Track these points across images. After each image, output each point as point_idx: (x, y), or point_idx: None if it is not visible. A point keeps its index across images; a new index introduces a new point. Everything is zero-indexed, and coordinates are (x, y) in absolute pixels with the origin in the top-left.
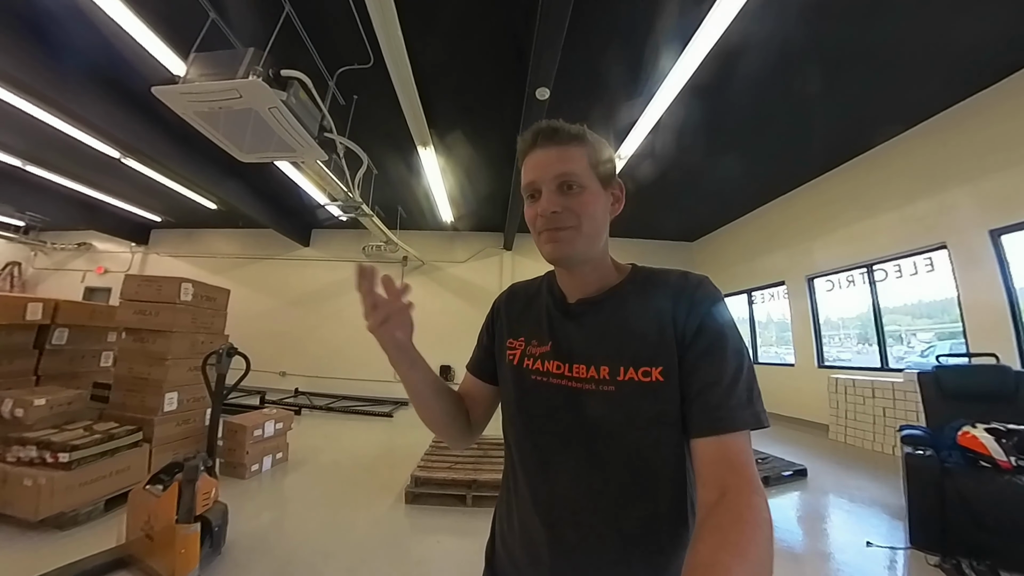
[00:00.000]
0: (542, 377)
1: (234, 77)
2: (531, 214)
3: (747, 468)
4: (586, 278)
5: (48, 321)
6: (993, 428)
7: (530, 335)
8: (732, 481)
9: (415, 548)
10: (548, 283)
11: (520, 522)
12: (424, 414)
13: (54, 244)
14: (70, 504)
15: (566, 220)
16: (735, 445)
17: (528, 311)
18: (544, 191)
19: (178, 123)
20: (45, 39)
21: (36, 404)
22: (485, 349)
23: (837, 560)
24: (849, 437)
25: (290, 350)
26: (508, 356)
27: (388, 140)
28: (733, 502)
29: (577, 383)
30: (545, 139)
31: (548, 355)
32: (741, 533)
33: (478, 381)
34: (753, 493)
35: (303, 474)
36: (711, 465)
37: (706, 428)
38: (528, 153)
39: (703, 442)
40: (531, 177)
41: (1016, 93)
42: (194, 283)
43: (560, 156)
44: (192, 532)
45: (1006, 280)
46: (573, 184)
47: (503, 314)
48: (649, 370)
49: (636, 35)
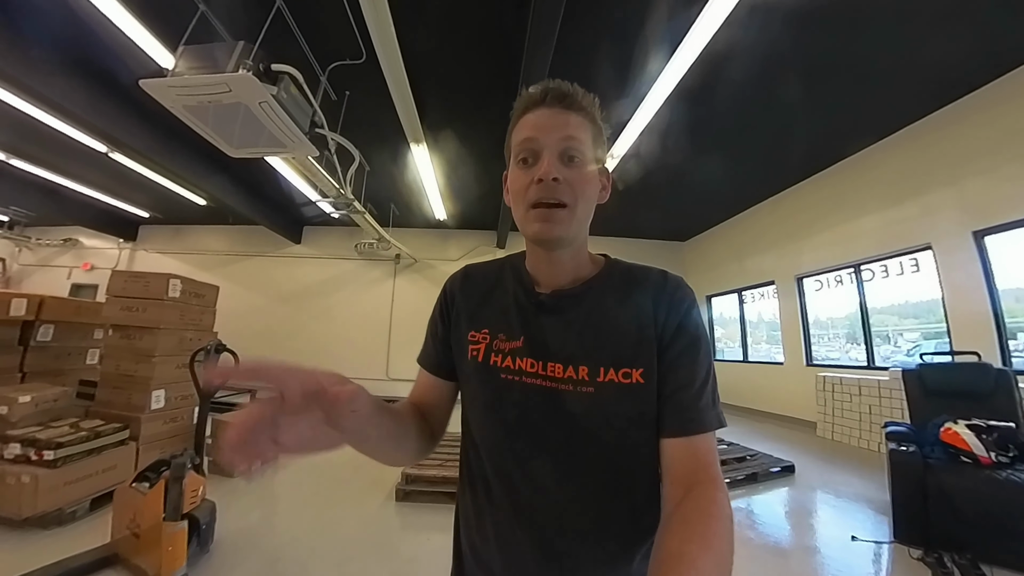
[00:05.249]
0: (514, 376)
1: (223, 71)
2: (522, 181)
3: (712, 466)
4: (563, 266)
5: (33, 317)
6: (974, 424)
7: (496, 328)
8: (698, 478)
9: (405, 545)
10: (513, 269)
11: (497, 533)
12: (384, 458)
13: (39, 240)
14: (55, 503)
15: (564, 194)
16: (703, 445)
17: (490, 299)
18: (546, 154)
19: (166, 116)
20: (30, 29)
21: (21, 401)
22: (441, 340)
23: (823, 554)
24: (836, 434)
25: (281, 347)
26: (471, 351)
27: (380, 136)
28: (699, 497)
29: (552, 383)
30: (555, 100)
31: (520, 351)
32: (707, 526)
33: (437, 380)
34: (717, 489)
35: (292, 472)
36: (679, 463)
37: (678, 429)
38: (531, 110)
39: (673, 441)
40: (531, 134)
41: (996, 102)
42: (182, 279)
43: (569, 121)
44: (179, 530)
45: (988, 280)
46: (576, 155)
47: (459, 300)
48: (629, 371)
49: (627, 37)
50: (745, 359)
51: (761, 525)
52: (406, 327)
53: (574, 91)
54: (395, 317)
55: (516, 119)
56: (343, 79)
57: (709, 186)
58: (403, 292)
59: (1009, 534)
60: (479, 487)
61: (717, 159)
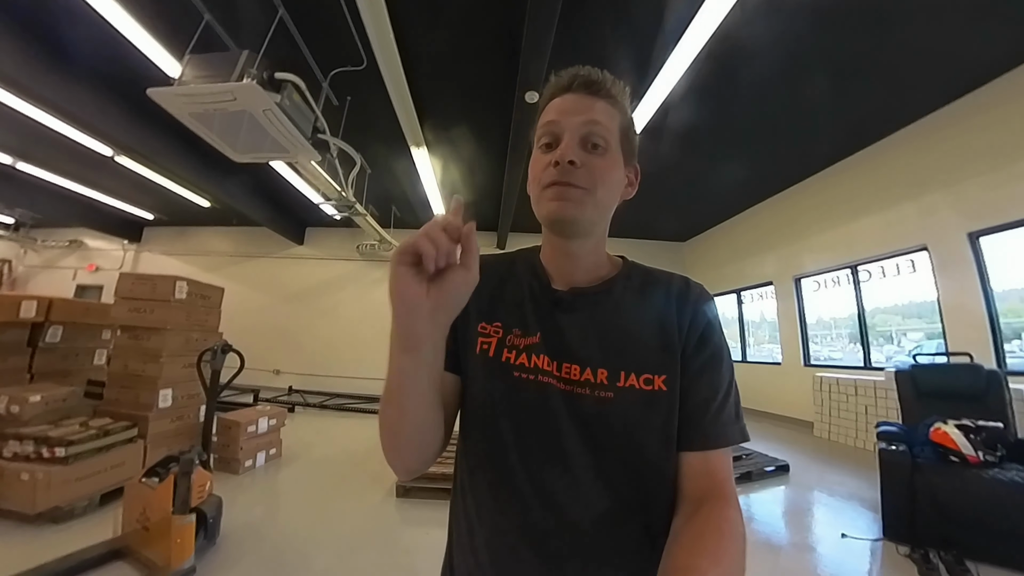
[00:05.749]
0: (528, 375)
1: (229, 80)
2: (541, 163)
3: (727, 483)
4: (582, 260)
5: (42, 319)
6: (963, 424)
7: (510, 321)
8: (712, 494)
9: (404, 539)
10: (528, 262)
11: (495, 557)
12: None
13: (45, 241)
14: (66, 498)
15: (581, 179)
16: (719, 460)
17: (503, 291)
18: (566, 137)
19: (172, 121)
20: (40, 37)
21: (32, 401)
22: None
23: (814, 552)
24: (833, 434)
25: (284, 348)
26: (480, 344)
27: (381, 140)
28: (712, 513)
29: (568, 385)
30: (582, 86)
31: (536, 348)
32: (718, 543)
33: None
34: (731, 507)
35: (296, 469)
36: (695, 478)
37: (698, 443)
38: (558, 95)
39: (690, 455)
40: (554, 117)
41: (993, 105)
42: (189, 281)
43: (595, 107)
44: (188, 523)
45: (983, 282)
46: (599, 142)
47: None
48: (651, 378)
49: (626, 38)
50: (744, 359)
51: (754, 523)
52: None
53: (603, 78)
54: None
55: (543, 105)
56: (344, 85)
57: (710, 186)
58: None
59: (993, 531)
60: (478, 507)
61: (717, 160)
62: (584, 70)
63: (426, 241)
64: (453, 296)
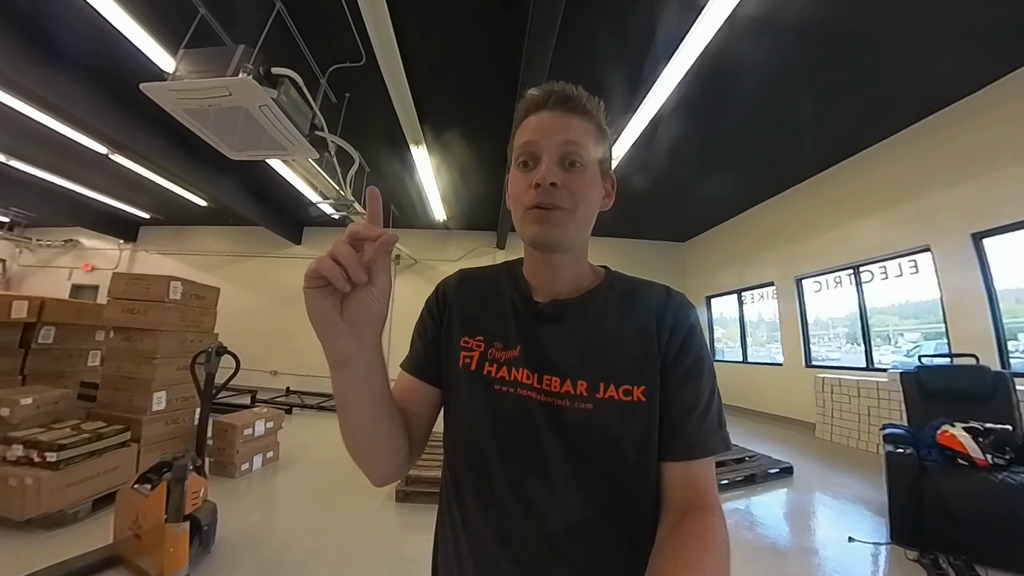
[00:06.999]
0: (509, 388)
1: (224, 75)
2: (521, 184)
3: (711, 492)
4: (563, 273)
5: (34, 319)
6: (971, 427)
7: (491, 335)
8: (695, 503)
9: (404, 545)
10: (510, 275)
11: (478, 566)
12: (363, 435)
13: (39, 241)
14: (57, 504)
15: (562, 200)
16: (702, 470)
17: (486, 304)
18: (545, 158)
19: (167, 118)
20: (30, 32)
21: (22, 403)
22: (431, 340)
23: (820, 555)
24: (835, 435)
25: (282, 349)
26: (463, 358)
27: (380, 138)
28: (695, 523)
29: (548, 397)
30: (558, 103)
31: (516, 361)
32: (702, 552)
33: (422, 384)
34: (714, 516)
35: (293, 473)
36: (678, 488)
37: (679, 453)
38: (533, 112)
39: (672, 466)
40: (531, 137)
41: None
42: (183, 281)
43: (571, 125)
44: (181, 531)
45: (987, 282)
46: (576, 160)
47: (453, 302)
48: (631, 388)
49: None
50: (744, 360)
51: (759, 526)
52: (406, 327)
53: (578, 94)
54: (395, 317)
55: (519, 121)
56: (343, 81)
57: (709, 187)
58: (403, 293)
59: (1004, 536)
60: (459, 517)
61: (717, 161)
62: (559, 86)
63: (329, 263)
64: (368, 312)
